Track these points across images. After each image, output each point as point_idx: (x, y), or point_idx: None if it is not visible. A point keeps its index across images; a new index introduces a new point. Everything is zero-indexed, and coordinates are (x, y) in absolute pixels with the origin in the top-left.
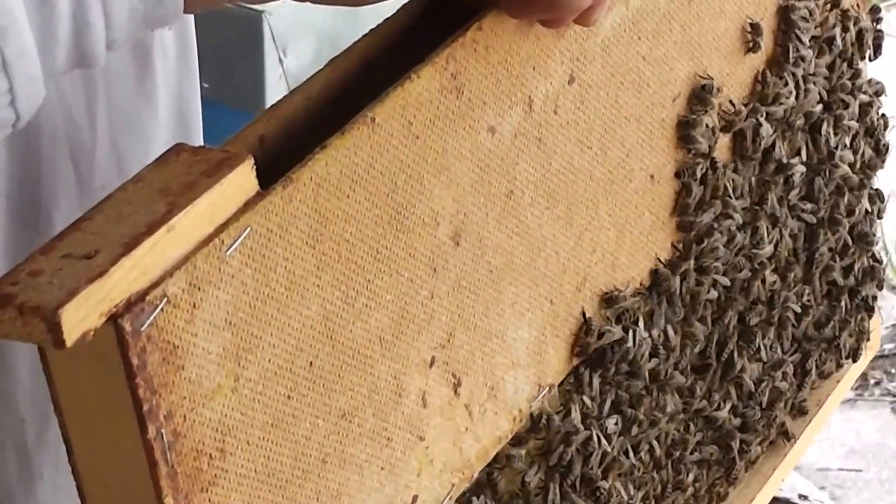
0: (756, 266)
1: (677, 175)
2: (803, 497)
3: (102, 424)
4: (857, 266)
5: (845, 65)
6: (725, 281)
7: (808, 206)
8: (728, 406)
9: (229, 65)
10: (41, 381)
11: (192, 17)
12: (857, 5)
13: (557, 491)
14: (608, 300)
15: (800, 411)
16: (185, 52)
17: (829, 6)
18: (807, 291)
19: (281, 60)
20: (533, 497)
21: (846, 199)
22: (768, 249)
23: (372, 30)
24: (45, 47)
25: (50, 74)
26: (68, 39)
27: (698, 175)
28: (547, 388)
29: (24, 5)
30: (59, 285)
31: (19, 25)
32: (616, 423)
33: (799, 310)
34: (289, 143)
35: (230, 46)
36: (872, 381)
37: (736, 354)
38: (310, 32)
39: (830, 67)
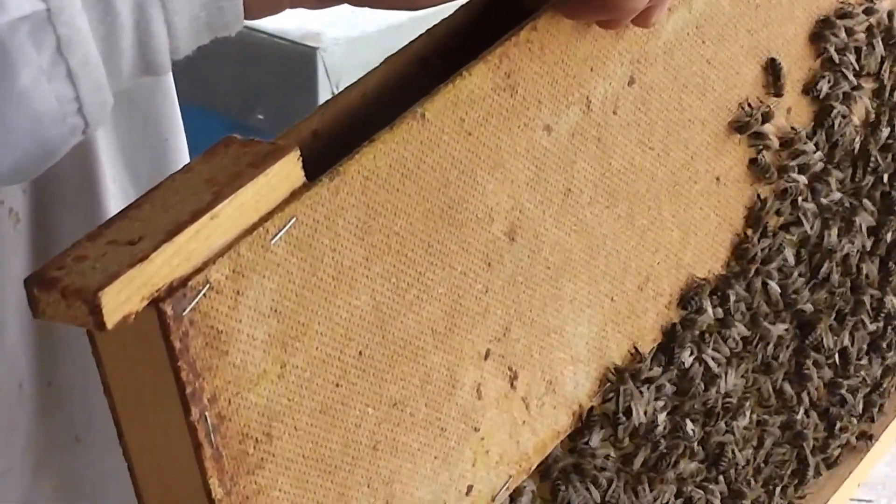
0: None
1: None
2: None
3: (149, 406)
4: None
5: None
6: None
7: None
8: (802, 409)
9: (286, 98)
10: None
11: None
12: None
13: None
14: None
15: (876, 414)
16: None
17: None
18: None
19: (333, 93)
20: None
21: None
22: (838, 258)
23: (429, 29)
24: (110, 57)
25: (118, 82)
26: (133, 49)
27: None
28: (608, 385)
29: (86, 17)
30: (101, 269)
31: (82, 35)
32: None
33: (872, 313)
34: (344, 138)
35: (287, 81)
36: None
37: (810, 355)
38: (360, 67)
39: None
